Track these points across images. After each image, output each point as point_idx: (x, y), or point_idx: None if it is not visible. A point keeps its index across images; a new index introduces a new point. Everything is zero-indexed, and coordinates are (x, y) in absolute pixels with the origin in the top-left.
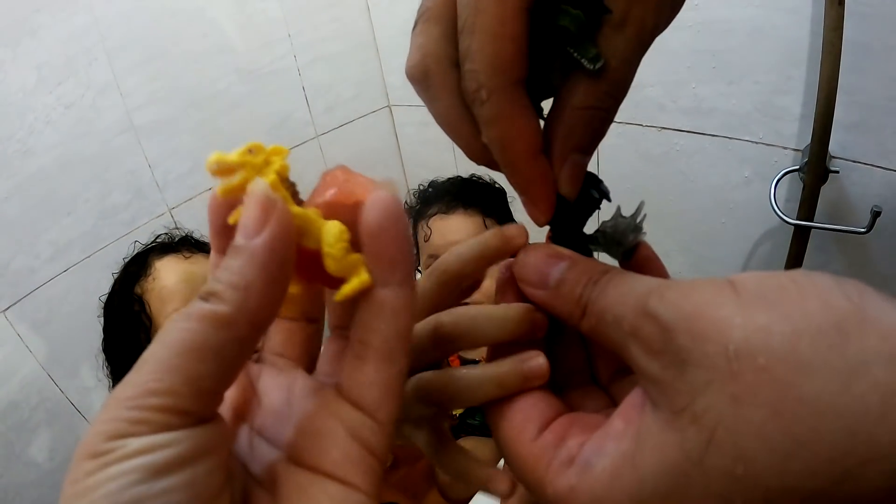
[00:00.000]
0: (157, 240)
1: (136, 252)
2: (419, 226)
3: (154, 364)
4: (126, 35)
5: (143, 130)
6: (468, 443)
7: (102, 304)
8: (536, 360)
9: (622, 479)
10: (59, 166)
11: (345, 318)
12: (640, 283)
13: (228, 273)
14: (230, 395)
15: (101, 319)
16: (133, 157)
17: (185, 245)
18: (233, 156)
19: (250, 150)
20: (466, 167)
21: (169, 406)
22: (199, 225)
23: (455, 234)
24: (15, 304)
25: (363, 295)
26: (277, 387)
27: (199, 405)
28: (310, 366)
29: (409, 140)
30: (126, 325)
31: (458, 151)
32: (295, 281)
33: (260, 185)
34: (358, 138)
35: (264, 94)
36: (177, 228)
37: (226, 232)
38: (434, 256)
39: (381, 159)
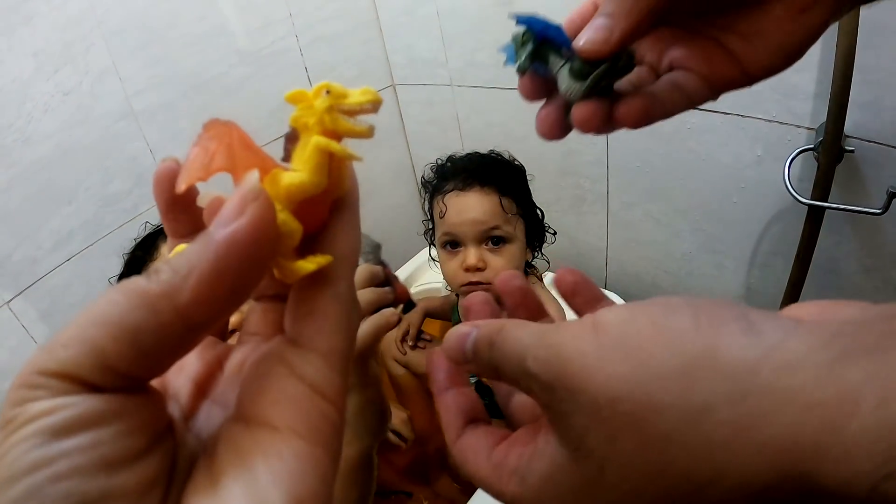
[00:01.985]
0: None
1: (145, 234)
2: (435, 201)
3: (68, 330)
4: (123, 19)
5: (144, 116)
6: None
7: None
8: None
9: (548, 491)
10: (58, 154)
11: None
12: (519, 343)
13: (179, 256)
14: (193, 370)
15: None
16: (134, 143)
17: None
18: (304, 92)
19: (328, 91)
20: (471, 146)
21: (70, 374)
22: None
23: (470, 211)
24: (18, 295)
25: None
26: (237, 358)
27: (103, 380)
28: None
29: (413, 119)
30: None
31: (464, 130)
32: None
33: (251, 178)
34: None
35: (266, 75)
36: None
37: (175, 207)
38: (449, 234)
39: (386, 139)
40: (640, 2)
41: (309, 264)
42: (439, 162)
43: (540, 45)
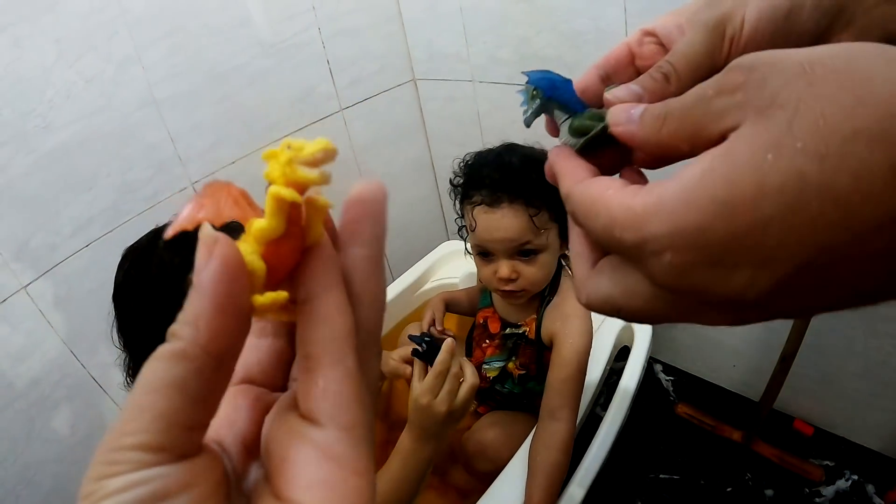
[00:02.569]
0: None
1: (141, 241)
2: (465, 209)
3: (127, 407)
4: (147, 8)
5: (165, 104)
6: (496, 415)
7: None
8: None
9: (714, 171)
10: (79, 141)
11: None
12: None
13: (184, 312)
14: (241, 427)
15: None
16: (155, 131)
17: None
18: (274, 151)
19: (288, 147)
20: (491, 142)
21: (141, 443)
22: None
23: (500, 230)
24: (36, 280)
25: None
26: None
27: (171, 439)
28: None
29: (433, 114)
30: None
31: (484, 125)
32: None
33: (205, 230)
34: (382, 112)
35: (287, 67)
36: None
37: None
38: (480, 246)
39: (406, 134)
40: (673, 92)
41: (263, 298)
42: (467, 160)
43: (547, 100)
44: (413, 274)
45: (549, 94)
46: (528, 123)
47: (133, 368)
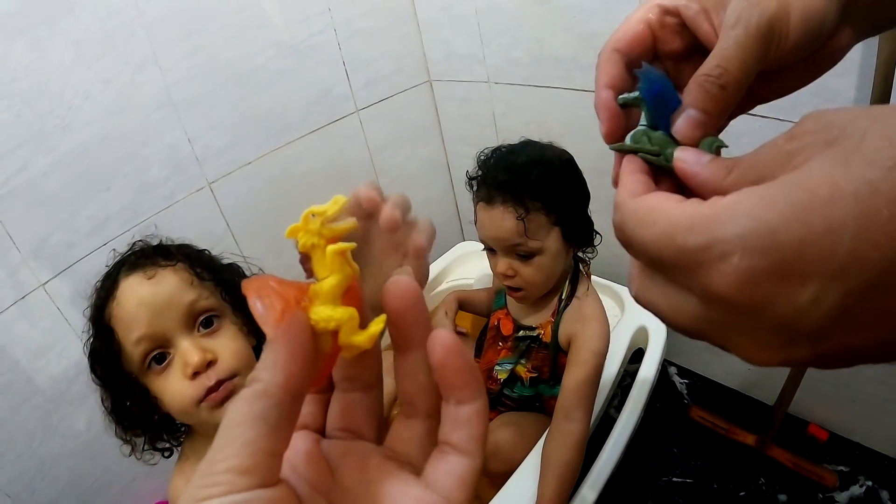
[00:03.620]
0: (133, 247)
1: (108, 269)
2: (476, 206)
3: (218, 439)
4: (164, 10)
5: (182, 105)
6: (508, 417)
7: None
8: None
9: (790, 181)
10: (97, 141)
11: (353, 370)
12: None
13: (262, 361)
14: (306, 472)
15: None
16: (172, 131)
17: (151, 260)
18: (296, 226)
19: (312, 215)
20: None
21: (232, 467)
22: (238, 198)
23: (492, 229)
24: (54, 277)
25: (447, 407)
26: (351, 464)
27: (256, 462)
28: (372, 434)
29: (449, 115)
30: (108, 358)
31: (500, 126)
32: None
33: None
34: (398, 113)
35: (304, 68)
36: (152, 236)
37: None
38: (482, 241)
39: (421, 135)
40: (730, 104)
41: (362, 336)
42: (482, 156)
43: (640, 100)
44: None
45: (646, 96)
46: (619, 102)
47: (113, 404)
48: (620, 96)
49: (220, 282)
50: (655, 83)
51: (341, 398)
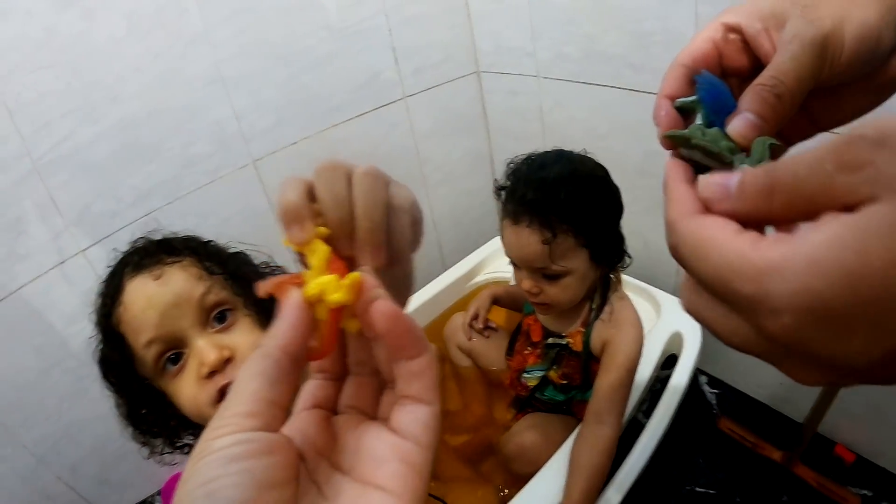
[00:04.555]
0: (135, 245)
1: (111, 270)
2: (502, 224)
3: (228, 395)
4: None
5: (230, 82)
6: (536, 417)
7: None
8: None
9: (844, 241)
10: (145, 114)
11: (362, 355)
12: (817, 148)
13: (269, 331)
14: (314, 438)
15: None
16: (219, 108)
17: (155, 258)
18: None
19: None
20: (553, 139)
21: (238, 412)
22: (281, 178)
23: (518, 249)
24: (95, 244)
25: (400, 364)
26: (349, 431)
27: (259, 409)
28: (376, 411)
29: (495, 108)
30: (120, 364)
31: (546, 122)
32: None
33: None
34: (445, 102)
35: (352, 52)
36: (155, 231)
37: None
38: (510, 257)
39: (467, 125)
40: (785, 114)
41: (338, 293)
42: (511, 165)
43: (698, 102)
44: (465, 266)
45: (703, 98)
46: (676, 105)
47: (129, 410)
48: (678, 99)
49: (231, 273)
50: (713, 87)
51: (352, 381)
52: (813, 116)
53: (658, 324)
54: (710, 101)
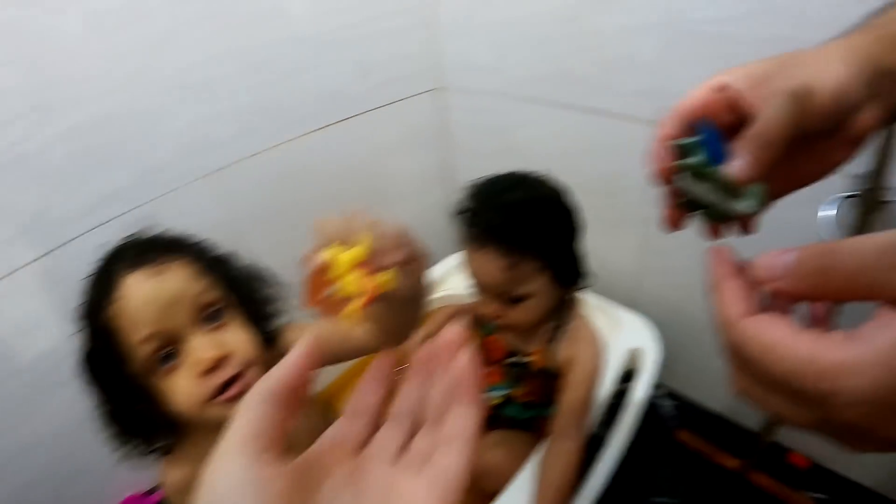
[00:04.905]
0: (128, 240)
1: (101, 265)
2: (465, 251)
3: (236, 416)
4: None
5: (194, 89)
6: (500, 435)
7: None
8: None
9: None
10: (106, 117)
11: (412, 402)
12: (882, 236)
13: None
14: (338, 461)
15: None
16: (182, 115)
17: (153, 254)
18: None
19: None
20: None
21: (257, 434)
22: (243, 188)
23: (481, 275)
24: (47, 253)
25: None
26: (381, 469)
27: (266, 432)
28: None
29: (460, 124)
30: (109, 361)
31: (510, 140)
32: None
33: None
34: (409, 117)
35: (319, 63)
36: (147, 228)
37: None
38: (473, 282)
39: (430, 141)
40: (772, 159)
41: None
42: (471, 189)
43: (696, 145)
44: None
45: (703, 141)
46: (676, 143)
47: (115, 409)
48: (680, 139)
49: (223, 273)
50: (712, 133)
51: (387, 426)
52: (796, 170)
53: (617, 340)
54: (711, 144)
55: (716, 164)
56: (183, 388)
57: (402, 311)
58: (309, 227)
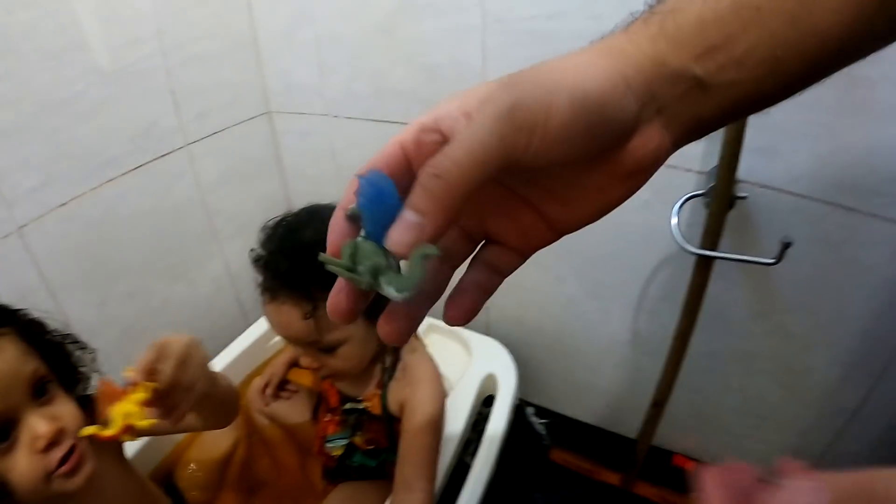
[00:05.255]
0: None
1: None
2: (263, 305)
3: None
4: None
5: None
6: (348, 488)
7: None
8: None
9: None
10: None
11: None
12: None
13: None
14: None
15: None
16: None
17: None
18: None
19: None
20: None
21: None
22: (53, 244)
23: (282, 328)
24: None
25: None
26: None
27: None
28: None
29: (289, 150)
30: None
31: (339, 162)
32: None
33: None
34: (234, 147)
35: (127, 97)
36: None
37: None
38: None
39: (260, 170)
40: (455, 202)
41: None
42: (266, 231)
43: (359, 209)
44: (265, 323)
45: (360, 202)
46: (347, 214)
47: None
48: (349, 207)
49: (45, 344)
50: (376, 189)
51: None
52: (549, 216)
53: (470, 367)
54: (369, 207)
55: (379, 231)
56: (21, 466)
57: (204, 407)
58: (131, 279)
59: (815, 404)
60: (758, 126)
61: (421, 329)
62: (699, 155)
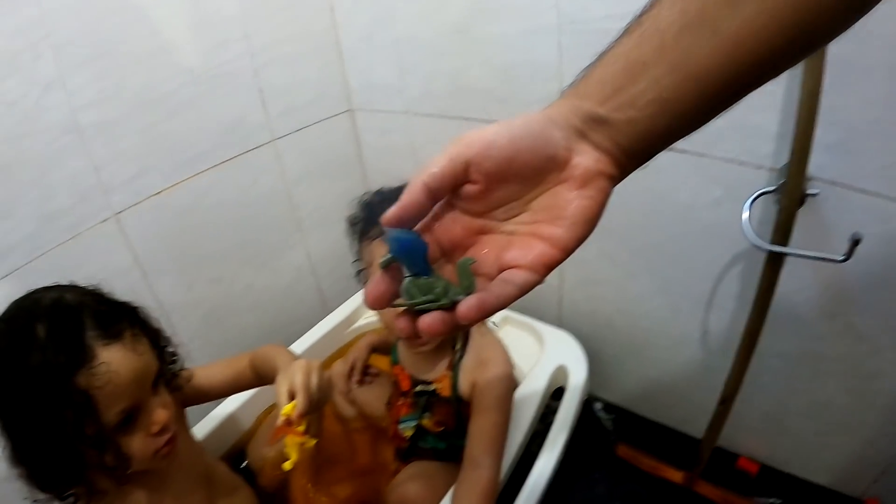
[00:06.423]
0: (84, 302)
1: (62, 325)
2: (363, 246)
3: None
4: (73, 31)
5: (89, 131)
6: (419, 466)
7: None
8: None
9: None
10: None
11: None
12: None
13: None
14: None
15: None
16: (78, 158)
17: (118, 326)
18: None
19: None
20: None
21: None
22: (146, 230)
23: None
24: None
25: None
26: None
27: None
28: None
29: (370, 147)
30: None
31: (419, 158)
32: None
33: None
34: (317, 143)
35: (217, 95)
36: (94, 290)
37: None
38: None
39: (341, 166)
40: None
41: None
42: (364, 198)
43: (393, 259)
44: (345, 310)
45: (395, 254)
46: (381, 265)
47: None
48: (381, 259)
49: (157, 340)
50: (401, 241)
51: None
52: (552, 240)
53: (542, 358)
54: (404, 254)
55: (421, 267)
56: (139, 443)
57: None
58: (217, 265)
59: (883, 411)
60: (828, 123)
61: (496, 319)
62: (770, 152)
